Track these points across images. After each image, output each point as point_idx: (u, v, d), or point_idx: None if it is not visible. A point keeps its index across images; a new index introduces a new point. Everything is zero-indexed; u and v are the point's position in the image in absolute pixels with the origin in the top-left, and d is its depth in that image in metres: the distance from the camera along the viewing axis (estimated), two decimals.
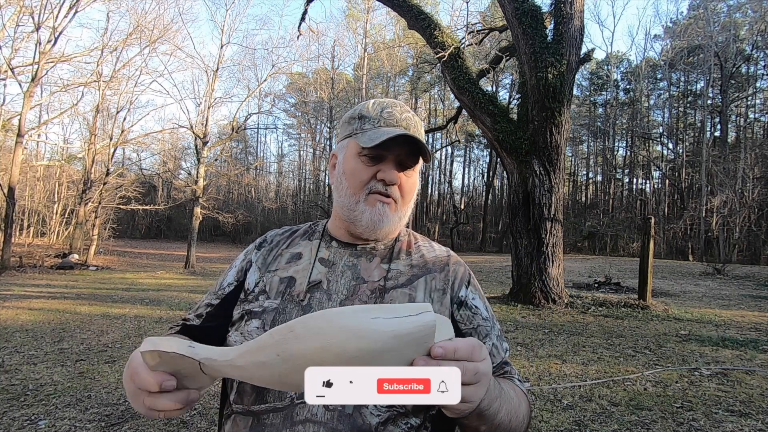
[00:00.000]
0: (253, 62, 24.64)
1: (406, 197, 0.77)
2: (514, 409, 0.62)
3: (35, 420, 2.67)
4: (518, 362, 4.02)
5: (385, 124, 0.74)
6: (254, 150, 40.00)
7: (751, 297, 8.79)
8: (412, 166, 0.76)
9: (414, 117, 0.78)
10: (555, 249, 6.96)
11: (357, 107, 0.79)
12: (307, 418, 0.61)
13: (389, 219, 0.74)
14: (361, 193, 0.74)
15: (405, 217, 0.78)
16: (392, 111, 0.76)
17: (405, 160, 0.75)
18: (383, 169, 0.73)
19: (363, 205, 0.74)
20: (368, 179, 0.74)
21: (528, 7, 7.01)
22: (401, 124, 0.75)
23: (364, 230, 0.75)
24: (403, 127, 0.75)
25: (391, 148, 0.73)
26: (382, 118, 0.75)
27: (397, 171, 0.74)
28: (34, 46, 12.70)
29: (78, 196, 16.28)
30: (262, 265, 0.78)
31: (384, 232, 0.76)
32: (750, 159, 21.10)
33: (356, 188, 0.74)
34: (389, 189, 0.74)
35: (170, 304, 7.16)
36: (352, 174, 0.75)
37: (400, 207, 0.76)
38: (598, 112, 31.55)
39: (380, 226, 0.74)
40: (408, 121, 0.76)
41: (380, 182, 0.73)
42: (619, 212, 27.82)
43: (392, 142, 0.71)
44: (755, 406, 3.00)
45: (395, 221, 0.76)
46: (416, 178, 0.79)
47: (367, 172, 0.74)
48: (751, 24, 23.81)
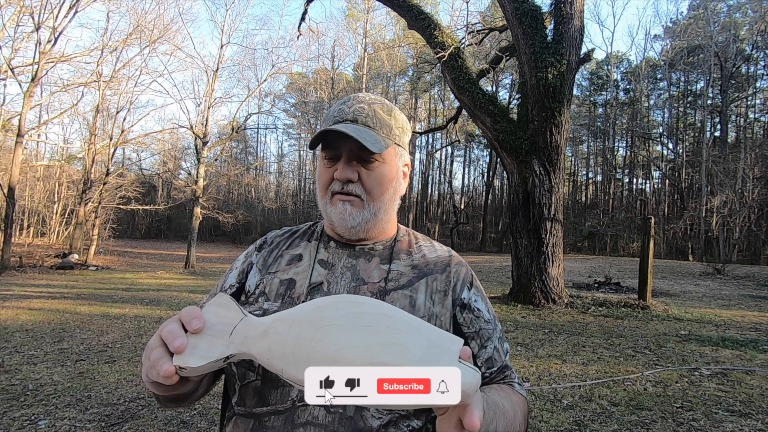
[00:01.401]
0: (253, 62, 24.67)
1: (373, 191, 0.73)
2: (510, 422, 0.62)
3: (35, 420, 2.67)
4: (518, 362, 4.02)
5: (333, 121, 0.73)
6: (254, 150, 40.01)
7: (751, 297, 8.79)
8: (369, 158, 0.72)
9: (371, 105, 0.74)
10: (555, 249, 6.96)
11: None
12: (308, 421, 0.61)
13: (355, 217, 0.72)
14: (327, 195, 0.74)
15: (382, 211, 0.75)
16: (343, 107, 0.74)
17: (360, 153, 0.72)
18: (338, 167, 0.72)
19: (330, 206, 0.74)
20: (329, 180, 0.74)
21: (528, 7, 7.01)
22: (348, 117, 0.72)
23: (342, 231, 0.74)
24: (349, 121, 0.72)
25: (340, 145, 0.71)
26: (333, 116, 0.74)
27: (356, 166, 0.72)
28: (34, 46, 12.71)
29: (78, 196, 16.28)
30: (262, 266, 0.77)
31: (360, 230, 0.74)
32: (750, 159, 21.10)
33: (323, 191, 0.75)
34: (347, 187, 0.72)
35: (170, 304, 7.16)
36: (319, 177, 0.76)
37: (368, 203, 0.73)
38: (598, 112, 31.54)
39: (349, 224, 0.72)
40: (358, 112, 0.73)
41: (337, 181, 0.73)
42: (619, 212, 27.80)
43: (339, 138, 0.70)
44: (755, 406, 3.00)
45: (366, 218, 0.73)
46: (384, 169, 0.74)
47: (328, 173, 0.74)
48: (751, 24, 23.80)
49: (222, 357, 0.48)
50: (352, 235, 0.75)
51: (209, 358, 0.47)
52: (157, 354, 0.48)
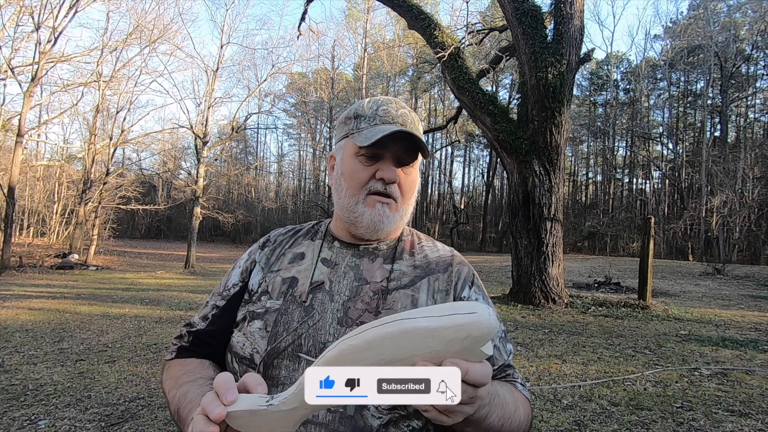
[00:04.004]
0: (253, 62, 24.67)
1: (406, 195, 0.76)
2: (509, 415, 0.61)
3: (35, 420, 2.67)
4: (518, 362, 4.01)
5: (381, 121, 0.73)
6: (254, 150, 40.01)
7: (751, 297, 8.79)
8: (410, 162, 0.75)
9: (410, 113, 0.77)
10: (555, 249, 6.96)
11: (352, 107, 0.78)
12: (309, 420, 0.61)
13: (390, 219, 0.73)
14: (361, 193, 0.73)
15: (406, 215, 0.77)
16: (388, 108, 0.75)
17: (403, 157, 0.74)
18: (382, 168, 0.72)
19: (362, 206, 0.73)
20: (367, 179, 0.73)
21: (528, 7, 7.01)
22: (397, 120, 0.74)
23: (365, 231, 0.74)
24: (399, 124, 0.73)
25: (389, 146, 0.72)
26: (377, 115, 0.74)
27: (396, 168, 0.74)
28: (34, 46, 12.69)
29: (78, 196, 16.28)
30: (265, 265, 0.77)
31: (385, 232, 0.75)
32: (750, 159, 21.10)
33: (355, 189, 0.73)
34: (389, 188, 0.73)
35: (170, 304, 7.16)
36: (350, 175, 0.74)
37: (400, 205, 0.75)
38: (598, 112, 31.53)
39: (381, 227, 0.73)
40: (404, 117, 0.75)
41: (379, 181, 0.72)
42: (619, 212, 27.80)
43: (389, 139, 0.70)
44: (755, 406, 3.00)
45: (396, 221, 0.75)
46: (416, 175, 0.78)
47: (366, 172, 0.73)
48: (751, 24, 23.80)
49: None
50: (374, 236, 0.75)
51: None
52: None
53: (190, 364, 0.72)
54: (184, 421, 0.59)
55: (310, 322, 0.68)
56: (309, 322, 0.68)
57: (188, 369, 0.71)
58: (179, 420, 0.62)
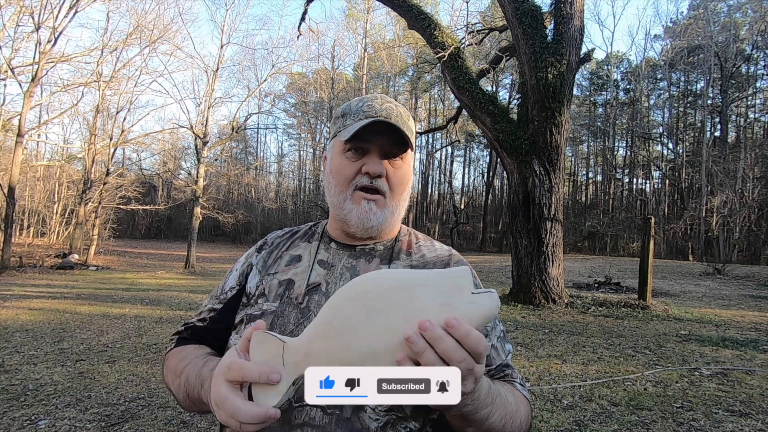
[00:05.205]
0: (253, 62, 24.68)
1: (396, 189, 0.75)
2: (510, 414, 0.60)
3: (35, 420, 2.67)
4: (518, 362, 4.01)
5: (364, 116, 0.73)
6: (254, 150, 40.01)
7: (751, 297, 8.79)
8: (398, 155, 0.74)
9: (398, 107, 0.76)
10: (555, 249, 6.96)
11: (341, 107, 0.79)
12: (305, 422, 0.61)
13: (377, 216, 0.73)
14: (348, 189, 0.73)
15: (398, 211, 0.76)
16: (372, 103, 0.75)
17: (390, 149, 0.73)
18: (367, 162, 0.72)
19: (350, 203, 0.73)
20: (354, 174, 0.73)
21: (528, 7, 7.01)
22: (381, 114, 0.73)
23: (355, 229, 0.74)
24: (383, 117, 0.73)
25: (374, 140, 0.72)
26: (362, 111, 0.74)
27: (383, 161, 0.73)
28: (34, 46, 12.69)
29: (78, 196, 16.28)
30: (262, 268, 0.77)
31: (376, 230, 0.74)
32: (750, 159, 21.09)
33: (342, 185, 0.74)
34: (376, 182, 0.72)
35: (170, 304, 7.16)
36: (338, 171, 0.74)
37: (389, 201, 0.74)
38: (598, 112, 31.53)
39: (369, 224, 0.73)
40: (389, 110, 0.74)
41: (365, 176, 0.72)
42: (619, 212, 27.81)
43: (373, 133, 0.70)
44: (755, 406, 3.00)
45: (386, 217, 0.74)
46: (406, 169, 0.76)
47: (352, 167, 0.73)
48: (751, 24, 23.80)
49: (289, 387, 0.49)
50: (365, 234, 0.74)
51: (283, 391, 0.49)
52: (241, 405, 0.48)
53: (186, 350, 0.73)
54: (202, 387, 0.61)
55: (306, 324, 0.68)
56: (305, 324, 0.68)
57: (184, 354, 0.72)
58: (195, 398, 0.64)
